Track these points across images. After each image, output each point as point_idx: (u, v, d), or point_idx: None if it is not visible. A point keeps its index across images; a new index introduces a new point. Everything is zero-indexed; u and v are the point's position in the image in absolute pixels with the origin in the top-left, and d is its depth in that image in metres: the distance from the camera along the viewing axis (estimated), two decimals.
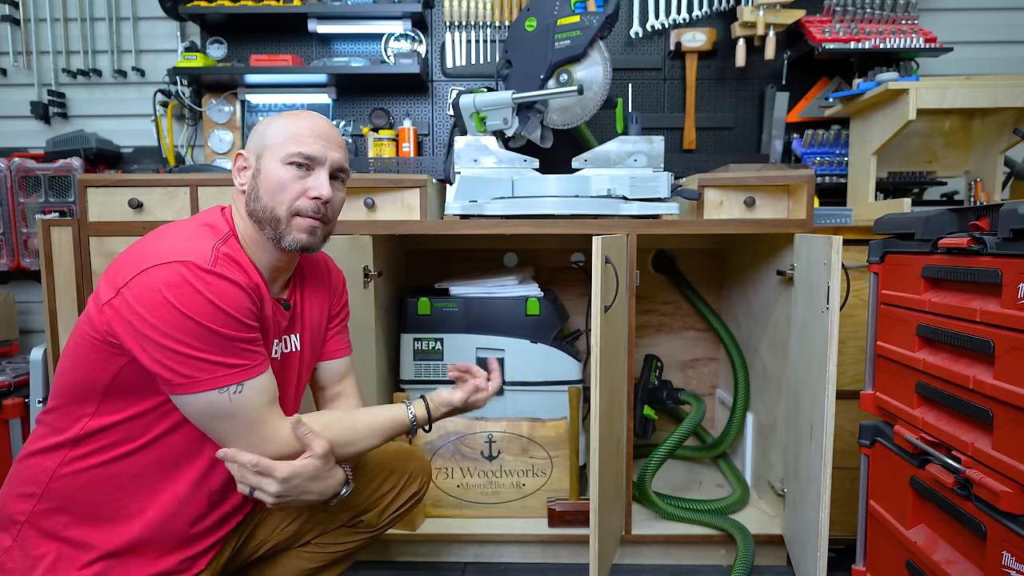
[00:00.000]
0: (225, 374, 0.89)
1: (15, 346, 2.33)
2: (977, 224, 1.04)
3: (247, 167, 1.03)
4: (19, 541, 0.94)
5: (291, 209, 1.00)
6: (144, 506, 0.97)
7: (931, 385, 1.11)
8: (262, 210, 1.00)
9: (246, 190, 1.02)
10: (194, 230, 0.97)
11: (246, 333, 0.92)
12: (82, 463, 0.94)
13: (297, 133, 1.01)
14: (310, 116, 1.05)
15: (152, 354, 0.86)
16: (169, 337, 0.86)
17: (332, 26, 2.26)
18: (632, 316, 1.64)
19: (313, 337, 1.16)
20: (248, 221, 1.02)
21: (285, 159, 1.00)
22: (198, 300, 0.86)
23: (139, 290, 0.86)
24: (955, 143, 2.08)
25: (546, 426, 1.75)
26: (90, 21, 2.39)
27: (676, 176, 1.85)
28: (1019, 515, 0.90)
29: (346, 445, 1.03)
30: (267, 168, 1.00)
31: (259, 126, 1.05)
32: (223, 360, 0.89)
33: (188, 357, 0.87)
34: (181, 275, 0.86)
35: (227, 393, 0.89)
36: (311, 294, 1.16)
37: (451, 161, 1.88)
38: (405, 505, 1.25)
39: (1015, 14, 2.33)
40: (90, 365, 0.92)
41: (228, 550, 1.10)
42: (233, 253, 0.96)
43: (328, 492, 1.00)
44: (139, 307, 0.86)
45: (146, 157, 2.40)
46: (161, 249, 0.89)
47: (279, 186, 0.99)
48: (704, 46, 2.26)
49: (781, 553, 1.69)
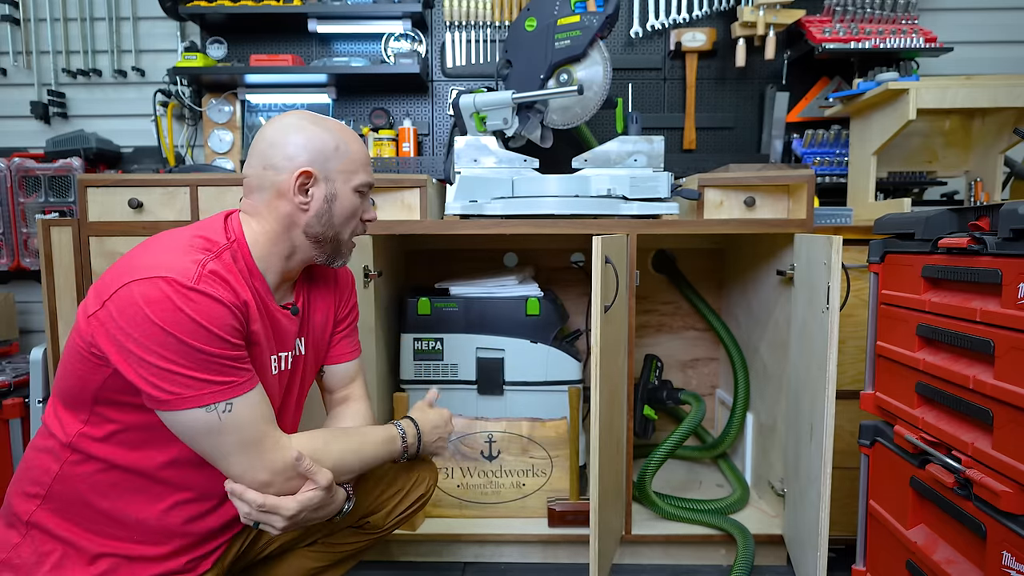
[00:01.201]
0: (211, 391, 0.87)
1: (15, 346, 2.33)
2: (977, 224, 1.04)
3: (313, 187, 1.00)
4: (27, 538, 0.94)
5: (352, 232, 1.08)
6: (148, 510, 0.97)
7: (931, 385, 1.11)
8: (331, 234, 1.04)
9: (313, 211, 1.01)
10: (186, 243, 0.93)
11: (230, 351, 0.89)
12: (83, 468, 0.94)
13: (364, 161, 1.06)
14: (357, 137, 1.08)
15: (136, 370, 0.85)
16: (152, 352, 0.84)
17: (332, 26, 2.26)
18: (632, 316, 1.64)
19: (316, 341, 1.16)
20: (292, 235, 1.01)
21: (357, 187, 1.04)
22: (179, 317, 0.84)
23: (121, 304, 0.85)
24: (955, 143, 2.08)
25: (546, 426, 1.75)
26: (90, 21, 2.39)
27: (676, 176, 1.85)
28: (1019, 515, 0.90)
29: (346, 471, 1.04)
30: (343, 195, 1.03)
31: (317, 140, 1.00)
32: (208, 377, 0.87)
33: (171, 373, 0.85)
34: (161, 291, 0.84)
35: (215, 412, 0.87)
36: (317, 298, 1.16)
37: (451, 161, 1.88)
38: (411, 507, 1.26)
39: (1015, 14, 2.33)
40: (78, 374, 0.91)
41: (234, 550, 1.10)
42: (222, 269, 0.91)
43: (331, 514, 1.02)
44: (122, 321, 0.84)
45: (146, 157, 2.40)
46: (146, 263, 0.88)
47: (352, 214, 1.05)
48: (704, 46, 2.26)
49: (781, 553, 1.69)
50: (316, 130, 1.01)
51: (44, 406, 1.83)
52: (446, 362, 1.82)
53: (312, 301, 1.14)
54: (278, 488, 0.93)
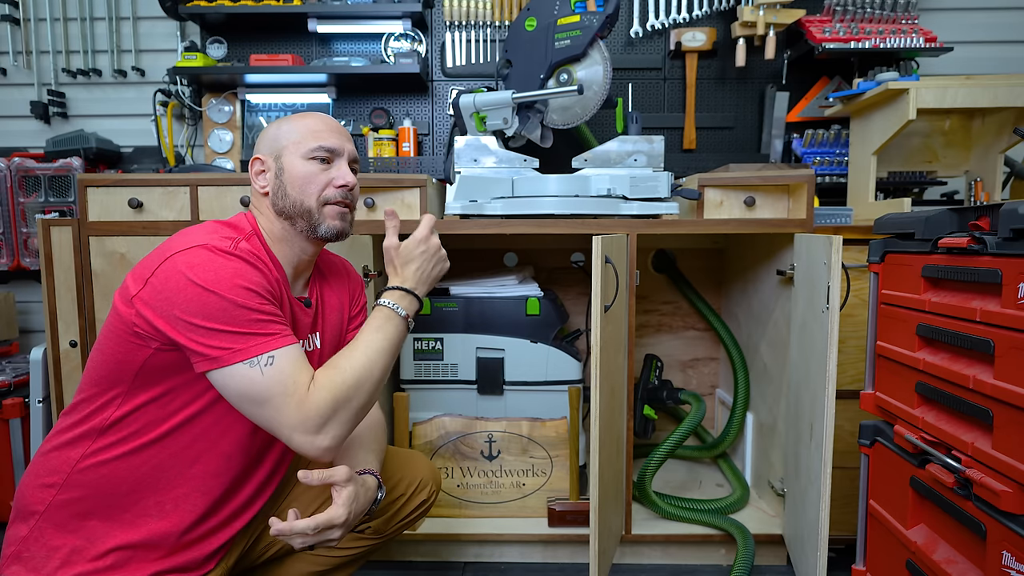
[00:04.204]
0: (255, 344, 0.90)
1: (15, 346, 2.33)
2: (977, 224, 1.04)
3: (266, 169, 1.08)
4: (36, 531, 0.96)
5: (320, 199, 1.06)
6: (160, 500, 0.99)
7: (931, 385, 1.11)
8: (292, 205, 1.05)
9: (270, 191, 1.07)
10: (216, 227, 1.01)
11: (268, 306, 0.94)
12: (105, 454, 0.96)
13: (314, 130, 1.07)
14: (319, 115, 1.11)
15: (186, 334, 0.89)
16: (192, 313, 0.89)
17: (332, 26, 2.26)
18: (632, 316, 1.64)
19: (333, 336, 1.18)
20: (275, 219, 1.07)
21: (307, 155, 1.05)
22: (219, 275, 0.90)
23: (164, 276, 0.91)
24: (955, 143, 2.08)
25: (546, 426, 1.75)
26: (90, 21, 2.39)
27: (676, 176, 1.85)
28: (1019, 515, 0.90)
29: (367, 377, 0.99)
30: (290, 165, 1.05)
31: (269, 130, 1.09)
32: (250, 331, 0.91)
33: (217, 332, 0.89)
34: (201, 255, 0.92)
35: (258, 366, 0.90)
36: (331, 293, 1.19)
37: (451, 161, 1.88)
38: (413, 513, 1.26)
39: (1015, 14, 2.33)
40: (117, 356, 0.95)
41: (237, 551, 1.12)
42: (254, 249, 1.00)
43: (370, 501, 1.05)
44: (166, 291, 0.90)
45: (146, 157, 2.40)
46: (183, 241, 0.95)
47: (306, 179, 1.05)
48: (704, 46, 2.26)
49: (781, 553, 1.69)
50: (278, 123, 1.09)
51: (44, 406, 1.83)
52: (446, 362, 1.82)
53: (326, 298, 1.17)
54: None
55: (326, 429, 0.93)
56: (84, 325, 1.71)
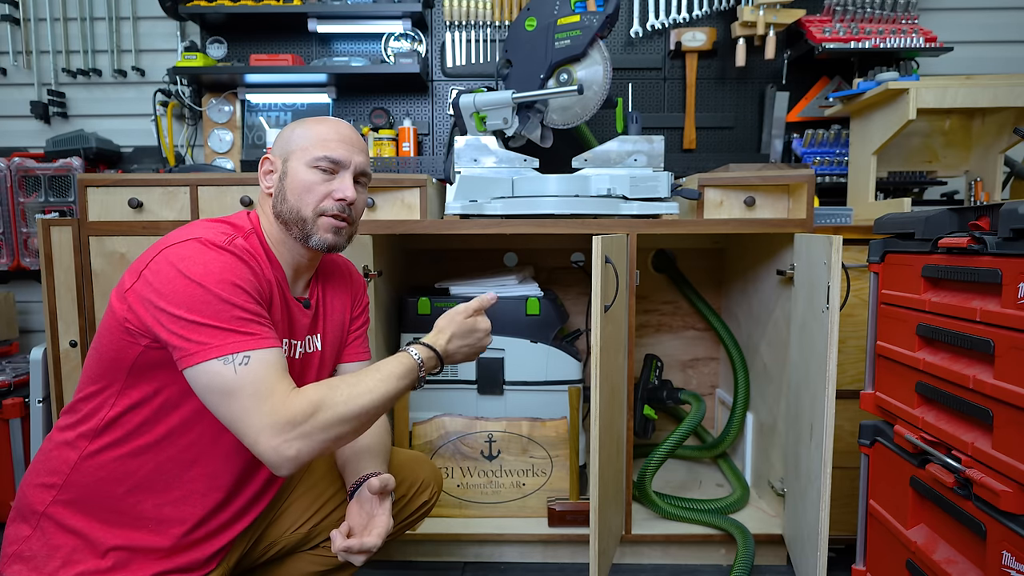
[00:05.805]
0: (233, 341, 0.88)
1: (15, 346, 2.33)
2: (977, 224, 1.04)
3: (273, 170, 1.07)
4: (39, 530, 0.96)
5: (317, 210, 1.04)
6: (160, 503, 0.99)
7: (931, 385, 1.11)
8: (288, 211, 1.04)
9: (273, 192, 1.06)
10: (214, 223, 1.01)
11: (253, 305, 0.92)
12: (102, 456, 0.96)
13: (323, 138, 1.05)
14: (335, 122, 1.08)
15: (166, 325, 0.88)
16: (176, 304, 0.88)
17: (332, 26, 2.26)
18: (632, 316, 1.64)
19: (335, 338, 1.18)
20: (275, 221, 1.06)
21: (311, 163, 1.04)
22: (207, 268, 0.90)
23: (156, 268, 0.91)
24: (955, 143, 2.08)
25: (546, 426, 1.75)
26: (90, 21, 2.39)
27: (676, 176, 1.85)
28: (1019, 515, 0.90)
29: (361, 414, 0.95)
30: (293, 171, 1.04)
31: (285, 131, 1.09)
32: (231, 327, 0.89)
33: (197, 325, 0.88)
34: (194, 248, 0.92)
35: (232, 364, 0.87)
36: (333, 295, 1.18)
37: (451, 161, 1.88)
38: (415, 515, 1.26)
39: (1015, 14, 2.33)
40: (111, 353, 0.95)
41: (238, 551, 1.12)
42: (250, 247, 0.99)
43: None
44: (156, 283, 0.89)
45: (146, 157, 2.40)
46: (179, 235, 0.95)
47: (305, 188, 1.04)
48: (704, 46, 2.26)
49: (781, 553, 1.69)
50: (295, 124, 1.09)
51: (44, 406, 1.83)
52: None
53: (327, 300, 1.17)
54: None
55: (296, 442, 0.87)
56: (84, 325, 1.71)
